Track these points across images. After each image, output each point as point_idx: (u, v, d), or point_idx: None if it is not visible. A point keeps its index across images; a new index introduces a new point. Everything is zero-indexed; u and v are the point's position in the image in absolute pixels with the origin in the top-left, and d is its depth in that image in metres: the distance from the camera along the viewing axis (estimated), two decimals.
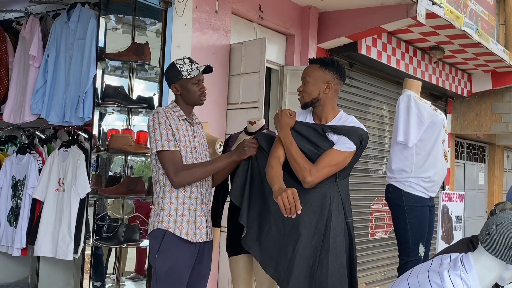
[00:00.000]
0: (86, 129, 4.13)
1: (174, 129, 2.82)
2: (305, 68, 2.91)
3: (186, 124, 2.92)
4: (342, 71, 2.90)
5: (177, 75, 2.90)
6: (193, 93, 2.92)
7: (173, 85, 2.92)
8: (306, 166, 2.66)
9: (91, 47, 3.99)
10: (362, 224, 7.51)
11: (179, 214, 2.81)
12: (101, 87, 4.20)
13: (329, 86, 2.82)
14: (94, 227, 4.17)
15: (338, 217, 2.74)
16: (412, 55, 7.86)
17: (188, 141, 2.88)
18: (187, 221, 2.82)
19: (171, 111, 2.90)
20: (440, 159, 3.76)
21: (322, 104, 2.83)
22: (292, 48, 6.18)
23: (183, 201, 2.83)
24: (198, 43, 4.97)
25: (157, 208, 2.84)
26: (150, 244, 2.84)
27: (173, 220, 2.79)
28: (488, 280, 2.27)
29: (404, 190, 3.67)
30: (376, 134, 7.98)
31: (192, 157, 2.88)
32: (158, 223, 2.80)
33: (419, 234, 3.67)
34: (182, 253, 2.80)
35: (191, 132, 2.93)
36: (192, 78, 2.89)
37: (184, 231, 2.80)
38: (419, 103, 3.73)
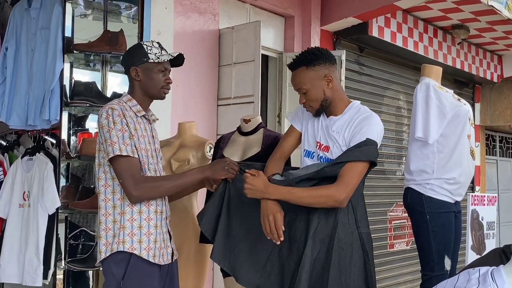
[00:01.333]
0: (54, 133, 4.12)
1: (132, 129, 2.72)
2: (293, 77, 2.92)
3: (144, 121, 2.85)
4: (328, 54, 2.92)
5: (142, 57, 2.80)
6: (156, 81, 2.83)
7: (133, 67, 2.81)
8: (327, 191, 2.68)
9: (56, 38, 3.98)
10: (380, 234, 7.52)
11: (144, 232, 2.70)
12: (70, 83, 4.21)
13: (330, 79, 2.84)
14: (66, 248, 4.18)
15: (346, 227, 2.74)
16: (432, 36, 7.87)
17: (148, 143, 2.81)
18: (154, 241, 2.73)
19: (126, 106, 2.78)
20: (466, 157, 3.76)
21: (331, 100, 2.86)
22: (291, 32, 6.20)
23: (148, 216, 2.73)
24: (182, 29, 4.97)
25: (112, 226, 2.70)
26: (109, 271, 2.70)
27: (138, 240, 2.68)
28: None
29: (425, 194, 3.67)
30: (392, 129, 7.99)
31: (153, 163, 2.82)
32: (118, 245, 2.66)
33: (444, 245, 3.67)
34: (151, 280, 2.72)
35: (149, 131, 2.87)
36: (159, 63, 2.81)
37: (151, 253, 2.70)
38: (439, 92, 3.73)
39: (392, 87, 7.97)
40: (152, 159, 2.82)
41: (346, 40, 6.86)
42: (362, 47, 7.28)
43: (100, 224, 2.75)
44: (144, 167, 2.75)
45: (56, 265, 3.96)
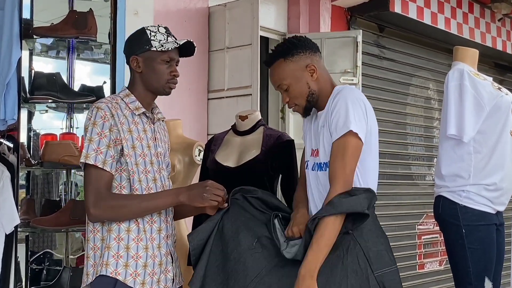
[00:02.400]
0: (11, 136, 4.13)
1: (125, 131, 2.74)
2: (271, 74, 2.95)
3: (144, 121, 2.85)
4: (308, 41, 2.95)
5: (145, 44, 2.80)
6: (160, 73, 2.83)
7: (134, 56, 2.82)
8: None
9: (12, 20, 3.98)
10: (408, 252, 7.55)
11: (131, 255, 2.71)
12: (29, 75, 4.22)
13: (313, 68, 2.87)
14: (27, 273, 4.19)
15: (359, 275, 2.74)
16: (467, 11, 7.89)
17: (146, 147, 2.81)
18: (143, 265, 2.73)
19: (122, 103, 2.80)
20: (509, 158, 3.76)
21: (318, 93, 2.88)
22: (296, 9, 6.22)
23: (138, 236, 2.74)
24: (164, 8, 4.99)
25: (99, 245, 2.73)
26: None
27: (123, 264, 2.69)
28: None
29: (461, 203, 3.67)
30: (421, 124, 8.01)
31: (153, 171, 2.82)
32: (102, 268, 2.67)
33: (483, 264, 3.67)
34: None
35: (151, 133, 2.87)
36: (164, 52, 2.80)
37: (139, 280, 2.71)
38: (476, 80, 3.73)
39: (419, 74, 7.99)
40: (151, 165, 2.81)
41: (363, 17, 6.88)
42: (382, 26, 7.31)
43: (87, 242, 2.78)
44: (133, 177, 2.74)
45: None
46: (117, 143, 2.70)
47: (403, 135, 7.72)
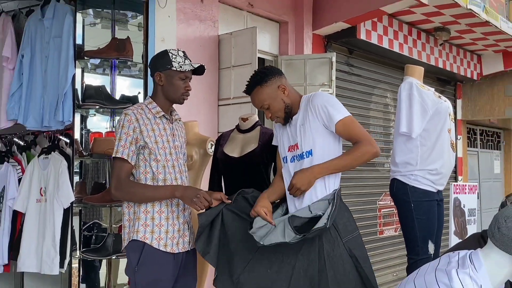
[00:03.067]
0: (67, 134, 4.13)
1: (148, 130, 2.78)
2: (252, 99, 2.99)
3: (164, 122, 2.87)
4: (273, 69, 3.04)
5: (167, 63, 2.83)
6: (177, 88, 2.87)
7: (158, 73, 2.86)
8: (360, 149, 2.77)
9: (68, 45, 4.00)
10: (370, 221, 7.54)
11: (156, 223, 2.75)
12: (81, 87, 4.21)
13: (283, 87, 2.93)
14: (80, 239, 4.19)
15: (331, 242, 2.76)
16: (416, 38, 7.87)
17: (166, 141, 2.84)
18: (166, 231, 2.77)
19: (146, 109, 2.84)
20: (447, 150, 3.76)
21: (291, 104, 2.93)
22: (286, 37, 6.20)
23: (160, 209, 2.78)
24: (184, 36, 4.98)
25: (132, 217, 2.78)
26: (128, 256, 2.78)
27: (150, 231, 2.74)
28: (499, 277, 2.29)
29: (410, 184, 3.67)
30: (380, 124, 8.00)
31: (171, 159, 2.85)
32: (134, 234, 2.74)
33: (427, 231, 3.68)
34: (164, 266, 2.75)
35: (169, 130, 2.89)
36: (181, 72, 2.85)
37: (162, 243, 2.75)
38: (422, 90, 3.73)
39: (379, 86, 7.97)
40: (170, 155, 2.85)
41: (336, 43, 6.85)
42: (351, 50, 7.27)
43: (124, 215, 2.83)
44: (157, 164, 2.79)
45: (72, 255, 3.98)
46: (138, 141, 2.75)
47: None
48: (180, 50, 2.91)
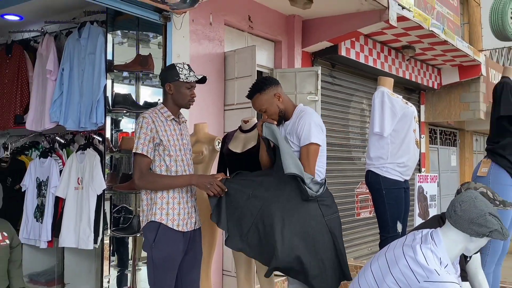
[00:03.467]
0: (100, 133, 4.13)
1: (162, 131, 2.77)
2: (253, 103, 3.03)
3: (174, 123, 2.87)
4: (272, 79, 3.04)
5: (175, 76, 2.83)
6: (184, 96, 2.87)
7: (168, 83, 2.85)
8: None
9: (100, 60, 4.00)
10: (349, 205, 7.54)
11: (170, 207, 2.76)
12: (111, 95, 4.21)
13: (278, 95, 2.96)
14: (111, 219, 4.19)
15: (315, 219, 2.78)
16: (387, 54, 7.88)
17: (176, 140, 2.84)
18: (178, 214, 2.77)
19: (159, 113, 2.83)
20: (413, 146, 3.76)
21: (285, 110, 2.98)
22: (280, 53, 6.20)
23: (173, 195, 2.78)
24: (196, 53, 4.98)
25: (150, 202, 2.78)
26: (145, 235, 2.77)
27: (165, 213, 2.74)
28: (455, 251, 2.30)
29: (382, 175, 3.68)
30: (358, 125, 8.01)
31: (181, 154, 2.85)
32: (151, 216, 2.74)
33: (396, 213, 3.68)
34: (176, 243, 2.76)
35: (179, 130, 2.89)
36: (187, 82, 2.85)
37: (175, 223, 2.75)
38: (392, 97, 3.73)
39: (357, 94, 7.98)
40: (179, 151, 2.85)
41: (321, 58, 6.86)
42: (334, 64, 7.28)
43: (142, 201, 2.83)
44: (171, 158, 2.79)
45: (104, 233, 3.98)
46: (155, 139, 2.75)
47: (346, 132, 7.71)
48: (186, 64, 2.91)
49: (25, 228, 4.26)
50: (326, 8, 5.94)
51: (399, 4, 6.01)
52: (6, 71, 4.61)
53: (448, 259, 2.26)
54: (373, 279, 2.31)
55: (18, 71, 4.55)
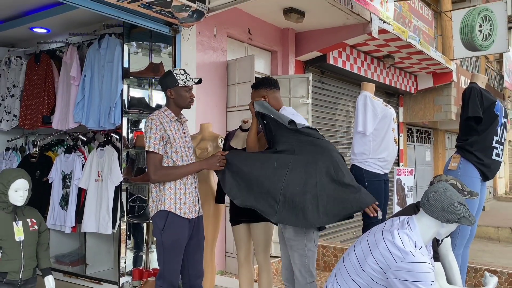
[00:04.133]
0: (117, 132, 4.14)
1: (168, 130, 2.75)
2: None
3: (177, 124, 2.86)
4: (267, 81, 3.01)
5: (174, 82, 2.81)
6: (184, 98, 2.85)
7: (169, 89, 2.82)
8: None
9: (118, 68, 4.00)
10: None
11: (178, 197, 2.75)
12: (128, 98, 4.20)
13: (266, 98, 2.96)
14: (127, 208, 4.20)
15: (326, 176, 2.74)
16: (370, 63, 7.87)
17: (180, 138, 2.83)
18: (184, 203, 2.77)
19: (164, 114, 2.81)
20: (392, 144, 3.74)
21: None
22: (275, 62, 6.19)
23: (180, 186, 2.77)
24: (202, 61, 4.97)
25: (158, 193, 2.76)
26: (155, 222, 2.76)
27: (174, 203, 2.73)
28: (428, 235, 2.31)
29: (365, 168, 3.66)
30: (344, 125, 8.00)
31: (185, 151, 2.84)
32: (161, 206, 2.73)
33: (378, 201, 3.66)
34: (182, 228, 2.76)
35: (182, 130, 2.88)
36: (186, 86, 2.84)
37: (182, 211, 2.75)
38: (373, 101, 3.72)
39: (343, 98, 7.97)
40: (183, 148, 2.83)
41: (312, 66, 6.85)
42: (323, 71, 7.27)
43: (152, 193, 2.81)
44: (177, 154, 2.77)
45: (121, 219, 4.00)
46: (163, 138, 2.73)
47: (334, 131, 7.71)
48: (181, 69, 2.89)
49: (52, 215, 4.27)
50: (316, 22, 5.94)
51: (380, 19, 6.00)
52: (35, 77, 4.60)
53: (422, 242, 2.26)
54: (356, 260, 2.31)
55: (45, 77, 4.55)
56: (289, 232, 2.80)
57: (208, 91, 5.07)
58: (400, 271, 2.14)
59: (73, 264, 4.46)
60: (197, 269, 2.92)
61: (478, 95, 3.77)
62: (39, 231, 3.11)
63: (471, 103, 3.76)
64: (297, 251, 2.80)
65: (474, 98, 3.76)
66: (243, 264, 3.37)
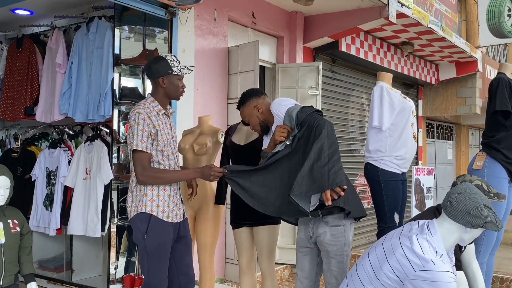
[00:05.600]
0: (108, 125, 4.14)
1: (157, 125, 2.72)
2: (240, 114, 3.14)
3: (164, 117, 2.83)
4: (252, 92, 3.08)
5: (167, 69, 2.77)
6: (177, 87, 2.83)
7: (161, 78, 2.77)
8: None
9: (108, 54, 3.99)
10: None
11: (160, 199, 2.73)
12: (119, 88, 4.21)
13: (258, 107, 3.01)
14: (118, 209, 4.20)
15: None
16: (386, 50, 7.85)
17: (167, 134, 2.81)
18: (168, 205, 2.75)
19: (151, 107, 2.76)
20: (410, 140, 3.74)
21: (266, 119, 3.00)
22: (282, 49, 6.18)
23: (164, 187, 2.75)
24: (200, 47, 4.97)
25: (138, 193, 2.73)
26: (136, 226, 2.73)
27: (156, 205, 2.71)
28: (450, 241, 2.30)
29: (380, 167, 3.66)
30: (357, 119, 7.99)
31: (171, 148, 2.83)
32: (141, 208, 2.70)
33: (393, 204, 3.68)
34: (167, 232, 2.74)
35: (168, 123, 2.86)
36: (179, 74, 2.82)
37: (165, 215, 2.73)
38: (390, 92, 3.72)
39: (356, 89, 7.96)
40: (169, 146, 2.82)
41: (322, 54, 6.84)
42: (334, 59, 7.26)
43: (131, 193, 2.79)
44: (164, 152, 2.77)
45: (111, 221, 4.00)
46: (152, 134, 2.70)
47: (346, 125, 7.70)
48: (172, 55, 2.88)
49: (35, 216, 4.28)
50: (328, 4, 5.92)
51: (398, 1, 5.98)
52: (17, 64, 4.61)
53: (443, 249, 2.26)
54: (371, 268, 2.32)
55: (28, 64, 4.55)
56: (326, 236, 2.79)
57: (208, 80, 5.07)
58: (418, 280, 2.15)
59: (58, 270, 4.47)
60: (188, 274, 2.92)
61: (507, 86, 3.76)
62: (21, 233, 3.12)
63: (499, 96, 3.74)
64: (335, 257, 2.79)
65: (502, 90, 3.75)
66: (245, 272, 3.37)
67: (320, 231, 2.80)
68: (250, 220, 3.25)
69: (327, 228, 2.79)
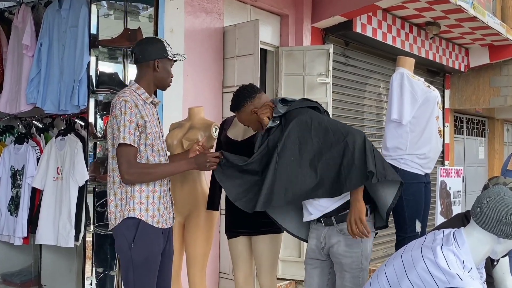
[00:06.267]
0: (83, 117, 4.12)
1: (144, 115, 2.73)
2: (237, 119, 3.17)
3: (151, 107, 2.85)
4: (245, 93, 3.06)
5: (163, 52, 2.80)
6: (168, 74, 2.86)
7: (155, 60, 2.79)
8: None
9: (83, 35, 3.97)
10: None
11: (150, 202, 2.73)
12: (96, 74, 4.20)
13: (255, 110, 3.01)
14: (94, 214, 4.20)
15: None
16: (408, 32, 7.84)
17: (155, 126, 2.82)
18: (158, 209, 2.76)
19: (137, 95, 2.77)
20: (435, 136, 3.75)
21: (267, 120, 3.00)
22: (286, 29, 6.18)
23: (154, 188, 2.75)
24: (191, 27, 4.96)
25: (124, 196, 2.72)
26: (121, 233, 2.73)
27: (145, 208, 2.71)
28: (480, 254, 2.30)
29: (399, 167, 3.65)
30: (374, 112, 7.99)
31: (160, 142, 2.85)
32: (128, 212, 2.69)
33: (415, 211, 3.68)
34: (156, 240, 2.76)
35: (155, 114, 2.88)
36: (173, 60, 2.86)
37: (155, 220, 2.74)
38: (412, 80, 3.72)
39: (373, 76, 7.96)
40: (158, 139, 2.83)
41: (334, 35, 6.84)
42: (347, 42, 7.26)
43: (115, 196, 2.76)
44: (153, 146, 2.77)
45: (86, 229, 3.99)
46: (139, 125, 2.70)
47: (361, 119, 7.71)
48: (165, 39, 2.92)
49: None
50: None
51: None
52: None
53: (473, 263, 2.26)
54: (388, 284, 2.32)
55: None
56: (340, 246, 2.79)
57: (200, 66, 5.07)
58: None
59: (25, 285, 4.48)
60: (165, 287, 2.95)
61: None
62: None
63: None
64: (350, 271, 2.78)
65: None
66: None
67: (333, 240, 2.80)
68: (248, 228, 3.25)
69: (342, 237, 2.79)
